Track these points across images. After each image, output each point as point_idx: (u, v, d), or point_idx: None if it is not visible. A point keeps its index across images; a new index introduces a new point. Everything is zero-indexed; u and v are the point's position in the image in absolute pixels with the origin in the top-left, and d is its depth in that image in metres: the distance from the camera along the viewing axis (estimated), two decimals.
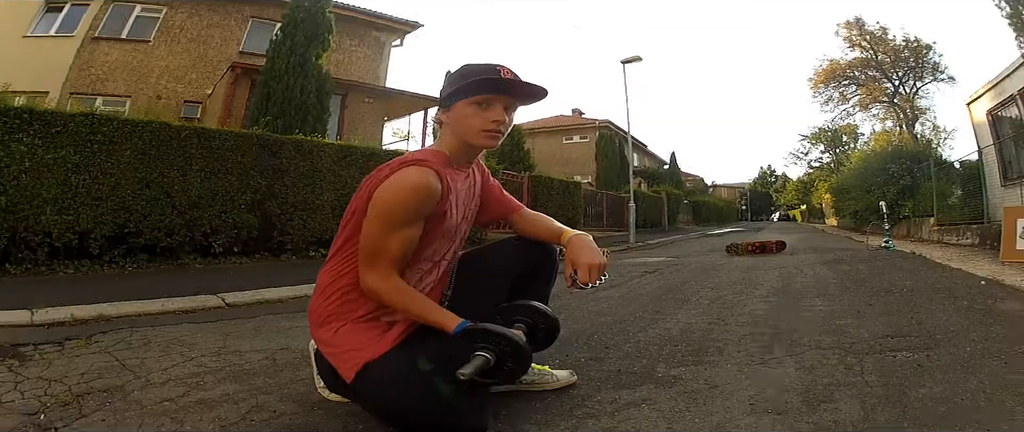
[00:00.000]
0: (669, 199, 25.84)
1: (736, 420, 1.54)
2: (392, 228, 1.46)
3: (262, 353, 2.41)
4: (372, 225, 1.47)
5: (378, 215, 1.46)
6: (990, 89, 10.74)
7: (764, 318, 3.06)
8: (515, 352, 1.43)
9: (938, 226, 10.75)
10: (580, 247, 1.63)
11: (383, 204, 1.45)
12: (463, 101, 1.54)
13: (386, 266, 1.48)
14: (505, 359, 1.42)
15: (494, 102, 1.53)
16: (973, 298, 3.32)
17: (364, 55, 15.59)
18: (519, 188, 11.55)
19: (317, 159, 6.58)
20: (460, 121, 1.55)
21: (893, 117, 30.05)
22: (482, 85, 1.52)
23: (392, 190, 1.45)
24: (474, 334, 1.43)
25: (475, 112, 1.53)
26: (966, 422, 1.41)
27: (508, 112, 1.57)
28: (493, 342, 1.42)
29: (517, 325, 1.59)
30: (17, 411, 1.65)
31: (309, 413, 1.66)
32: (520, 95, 1.58)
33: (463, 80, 1.54)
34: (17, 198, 4.51)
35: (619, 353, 2.37)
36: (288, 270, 5.43)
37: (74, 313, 3.04)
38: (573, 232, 1.71)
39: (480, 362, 1.39)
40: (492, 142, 1.56)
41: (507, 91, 1.54)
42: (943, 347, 2.18)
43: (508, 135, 1.69)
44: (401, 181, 1.45)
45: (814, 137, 40.21)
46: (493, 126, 1.53)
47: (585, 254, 1.60)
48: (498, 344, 1.42)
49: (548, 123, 31.46)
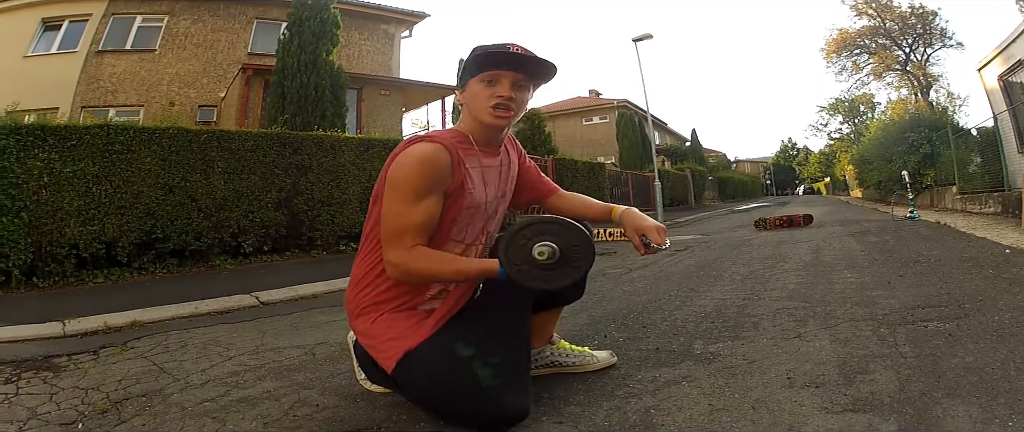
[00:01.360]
0: (694, 176, 25.68)
1: (775, 395, 1.54)
2: (406, 202, 1.45)
3: (300, 349, 2.43)
4: (387, 203, 1.48)
5: (392, 190, 1.47)
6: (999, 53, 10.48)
7: (797, 292, 3.05)
8: (577, 236, 1.41)
9: (961, 195, 10.55)
10: (639, 216, 1.71)
11: (393, 180, 1.47)
12: (474, 79, 1.55)
13: (409, 240, 1.46)
14: (570, 248, 1.40)
15: (502, 78, 1.53)
16: (999, 267, 3.27)
17: (374, 49, 15.63)
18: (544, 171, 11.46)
19: (339, 154, 6.60)
20: (472, 99, 1.56)
21: (908, 85, 29.78)
22: (488, 60, 1.52)
23: (399, 165, 1.48)
24: (529, 226, 1.41)
25: (483, 88, 1.54)
26: (998, 391, 1.40)
27: (518, 89, 1.55)
28: (550, 232, 1.40)
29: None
30: (53, 422, 1.65)
31: (352, 405, 1.68)
32: (528, 70, 1.56)
33: (473, 57, 1.55)
34: (39, 213, 4.58)
35: (656, 332, 2.38)
36: (320, 265, 5.48)
37: (107, 321, 3.06)
38: (622, 207, 1.76)
39: (548, 251, 1.37)
40: (500, 119, 1.54)
41: (512, 65, 1.52)
42: (972, 316, 2.16)
43: (527, 119, 1.69)
44: (408, 154, 1.48)
45: (832, 108, 39.75)
46: (498, 100, 1.52)
47: (647, 220, 1.67)
48: (560, 232, 1.40)
49: (566, 105, 31.36)
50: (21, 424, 1.64)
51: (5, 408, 1.79)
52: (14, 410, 1.76)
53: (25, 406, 1.80)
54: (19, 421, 1.66)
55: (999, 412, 1.28)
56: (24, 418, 1.69)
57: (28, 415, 1.71)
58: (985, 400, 1.36)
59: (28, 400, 1.86)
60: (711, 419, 1.41)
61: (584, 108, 31.58)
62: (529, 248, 1.39)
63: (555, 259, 1.38)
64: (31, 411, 1.75)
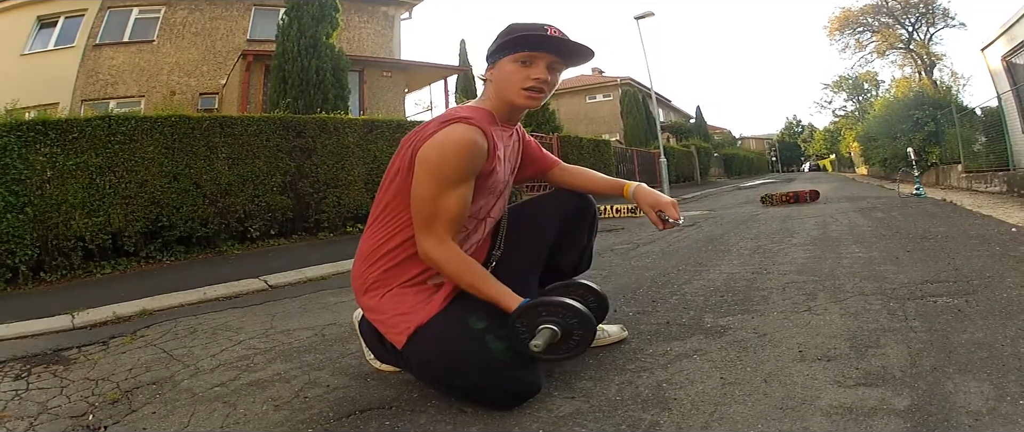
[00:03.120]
0: (699, 153, 25.66)
1: (787, 368, 1.53)
2: (444, 187, 1.41)
3: (310, 330, 2.44)
4: (423, 186, 1.43)
5: (428, 174, 1.42)
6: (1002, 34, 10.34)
7: (805, 266, 3.04)
8: (582, 322, 1.40)
9: (966, 173, 10.49)
10: (653, 192, 1.72)
11: (431, 163, 1.42)
12: (507, 58, 1.51)
13: (442, 230, 1.44)
14: (572, 330, 1.40)
15: (537, 60, 1.50)
16: (1006, 245, 3.25)
17: (375, 31, 15.60)
18: (549, 149, 11.50)
19: (343, 136, 6.61)
20: (503, 79, 1.52)
21: (911, 63, 29.77)
22: (526, 41, 1.49)
23: (439, 147, 1.41)
24: (538, 307, 1.40)
25: (518, 69, 1.50)
26: (1008, 369, 1.38)
27: (552, 72, 1.53)
28: (558, 314, 1.39)
29: None
30: (64, 415, 1.64)
31: (363, 385, 1.68)
32: (566, 54, 1.53)
33: (508, 36, 1.51)
34: (44, 207, 4.60)
35: (666, 306, 2.38)
36: (327, 247, 5.49)
37: (116, 311, 3.07)
38: (634, 182, 1.76)
39: (548, 335, 1.37)
40: (534, 101, 1.53)
41: (551, 49, 1.50)
42: (981, 293, 2.14)
43: None
44: (449, 138, 1.41)
45: (836, 85, 39.49)
46: (534, 83, 1.50)
47: (662, 195, 1.69)
48: (564, 315, 1.39)
49: (570, 83, 31.17)
50: (32, 419, 1.64)
51: (16, 404, 1.79)
52: (25, 406, 1.77)
53: (36, 401, 1.80)
54: (30, 417, 1.66)
55: (1010, 390, 1.27)
56: (35, 413, 1.69)
57: (39, 410, 1.71)
58: (996, 377, 1.35)
59: (38, 395, 1.86)
60: (723, 393, 1.41)
61: (588, 86, 31.33)
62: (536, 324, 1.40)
63: (555, 341, 1.40)
64: (41, 406, 1.75)
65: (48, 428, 1.57)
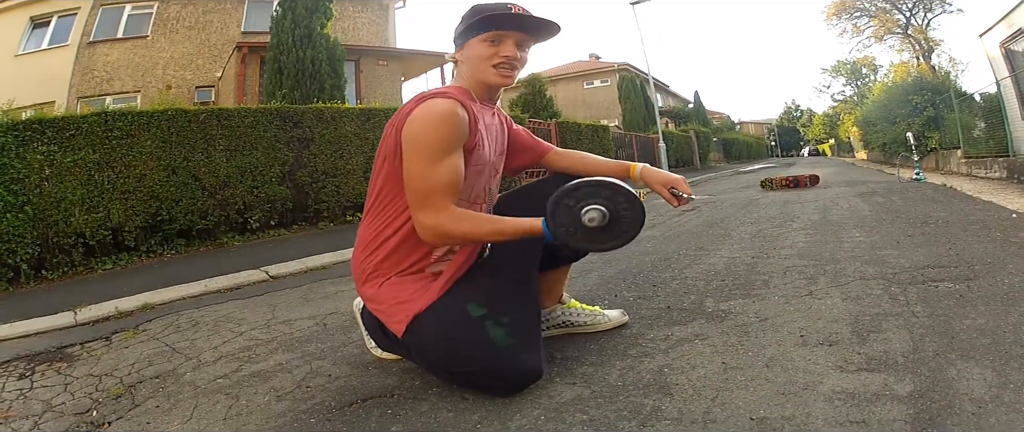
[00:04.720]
0: (698, 137, 25.54)
1: (789, 353, 1.53)
2: (433, 160, 1.41)
3: (312, 320, 2.44)
4: (413, 164, 1.43)
5: (415, 150, 1.42)
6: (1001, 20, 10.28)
7: (806, 250, 3.04)
8: (629, 201, 1.37)
9: (966, 158, 10.45)
10: (660, 171, 1.71)
11: (416, 138, 1.42)
12: (475, 38, 1.53)
13: (441, 200, 1.42)
14: (620, 212, 1.37)
15: (505, 38, 1.52)
16: (1006, 231, 3.24)
17: (369, 20, 15.56)
18: (548, 135, 11.54)
19: (340, 125, 6.59)
20: (474, 59, 1.54)
21: (909, 48, 29.57)
22: (492, 20, 1.50)
23: (421, 120, 1.42)
24: (580, 187, 1.37)
25: (487, 48, 1.52)
26: (1011, 356, 1.38)
27: (521, 48, 1.55)
28: (603, 195, 1.36)
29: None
30: (68, 413, 1.64)
31: (364, 373, 1.68)
32: (532, 30, 1.55)
33: (474, 17, 1.52)
34: (43, 205, 4.57)
35: (667, 290, 2.38)
36: (327, 237, 5.49)
37: (118, 306, 3.07)
38: (640, 164, 1.76)
39: (597, 215, 1.34)
40: (506, 79, 1.54)
41: (517, 26, 1.52)
42: (982, 278, 2.13)
43: (529, 83, 1.67)
44: (430, 111, 1.42)
45: (834, 70, 39.37)
46: (503, 60, 1.52)
47: (670, 173, 1.68)
48: (610, 195, 1.36)
49: (567, 69, 31.03)
50: (37, 418, 1.64)
51: (21, 403, 1.78)
52: (29, 404, 1.76)
53: (40, 399, 1.80)
54: (34, 415, 1.66)
55: (1013, 377, 1.26)
56: (39, 411, 1.69)
57: (43, 408, 1.71)
58: (998, 363, 1.34)
59: (42, 393, 1.86)
60: (725, 378, 1.41)
61: (585, 72, 31.15)
62: (577, 211, 1.36)
63: (604, 223, 1.35)
64: (46, 403, 1.75)
65: (53, 426, 1.57)
